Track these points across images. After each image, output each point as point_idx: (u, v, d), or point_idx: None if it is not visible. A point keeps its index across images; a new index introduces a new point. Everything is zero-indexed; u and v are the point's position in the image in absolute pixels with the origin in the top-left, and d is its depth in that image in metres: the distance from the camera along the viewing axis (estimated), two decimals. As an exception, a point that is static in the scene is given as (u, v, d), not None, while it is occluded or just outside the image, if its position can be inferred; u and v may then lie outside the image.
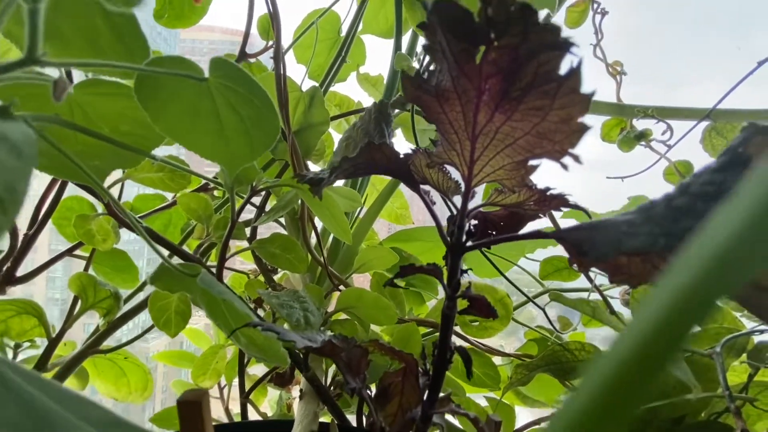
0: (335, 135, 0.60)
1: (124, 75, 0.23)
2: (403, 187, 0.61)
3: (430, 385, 0.19)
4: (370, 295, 0.36)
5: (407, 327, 0.39)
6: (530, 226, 0.22)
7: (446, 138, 0.16)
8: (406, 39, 0.57)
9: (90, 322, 0.52)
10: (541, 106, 0.14)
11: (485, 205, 0.19)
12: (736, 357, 0.40)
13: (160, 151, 0.32)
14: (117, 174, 0.44)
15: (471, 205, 0.20)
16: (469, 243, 0.19)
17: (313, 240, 0.47)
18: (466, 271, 0.20)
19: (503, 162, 0.16)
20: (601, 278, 0.46)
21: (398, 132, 0.59)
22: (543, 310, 0.40)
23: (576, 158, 0.14)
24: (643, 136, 0.44)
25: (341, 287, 0.44)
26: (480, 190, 0.21)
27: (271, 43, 0.51)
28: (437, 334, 0.48)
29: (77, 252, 0.51)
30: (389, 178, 0.50)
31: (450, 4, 0.12)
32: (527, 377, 0.47)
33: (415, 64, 0.49)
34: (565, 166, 0.15)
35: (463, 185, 0.18)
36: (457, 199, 0.19)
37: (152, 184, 0.38)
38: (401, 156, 0.20)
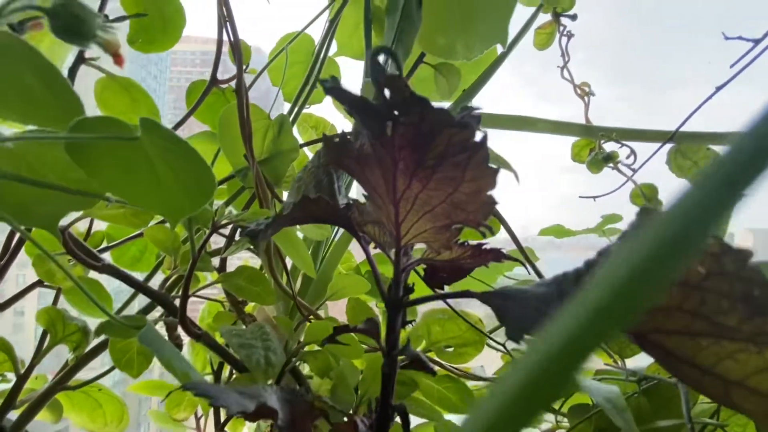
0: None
1: (65, 127, 0.22)
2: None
3: (372, 443, 0.18)
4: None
5: (378, 358, 0.39)
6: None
7: (373, 200, 0.16)
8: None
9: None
10: (453, 176, 0.14)
11: (420, 262, 0.19)
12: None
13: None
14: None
15: (412, 257, 0.20)
16: (408, 298, 0.18)
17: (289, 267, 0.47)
18: (410, 323, 0.20)
19: (426, 226, 0.16)
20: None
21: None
22: (504, 346, 0.40)
23: (490, 229, 0.14)
24: (609, 159, 0.45)
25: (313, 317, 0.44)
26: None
27: (244, 68, 0.51)
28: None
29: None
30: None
31: (341, 91, 0.12)
32: (505, 401, 0.46)
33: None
34: (483, 234, 0.14)
35: (394, 243, 0.18)
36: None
37: (115, 221, 0.38)
38: (341, 208, 0.19)
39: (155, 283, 0.49)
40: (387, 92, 0.12)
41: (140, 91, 0.54)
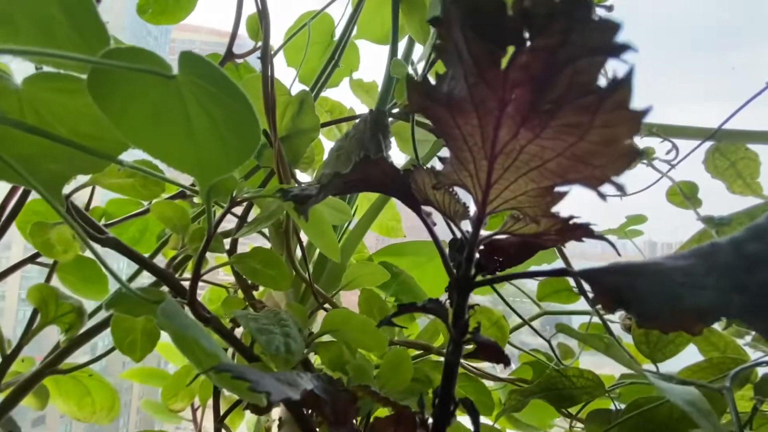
0: (325, 142, 0.57)
1: (83, 69, 0.20)
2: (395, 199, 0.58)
3: (428, 441, 0.16)
4: (357, 318, 0.33)
5: (397, 352, 0.37)
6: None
7: (457, 156, 0.14)
8: (401, 45, 0.55)
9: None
10: (578, 123, 0.11)
11: (499, 234, 0.17)
12: (739, 387, 0.39)
13: (132, 155, 0.29)
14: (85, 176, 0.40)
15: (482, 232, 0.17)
16: (479, 277, 0.16)
17: (299, 253, 0.44)
18: (472, 307, 0.17)
19: (526, 187, 0.13)
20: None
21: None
22: (549, 342, 0.37)
23: (620, 188, 0.12)
24: (644, 154, 0.43)
25: (327, 305, 0.41)
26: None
27: (259, 43, 0.49)
28: (428, 357, 0.45)
29: (41, 259, 0.47)
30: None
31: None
32: (521, 403, 0.44)
33: (411, 72, 0.47)
34: (602, 195, 0.12)
35: (475, 211, 0.15)
36: (465, 224, 0.17)
37: (122, 191, 0.35)
38: (401, 173, 0.17)
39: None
40: (527, 1, 0.09)
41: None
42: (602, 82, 0.11)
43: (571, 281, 0.46)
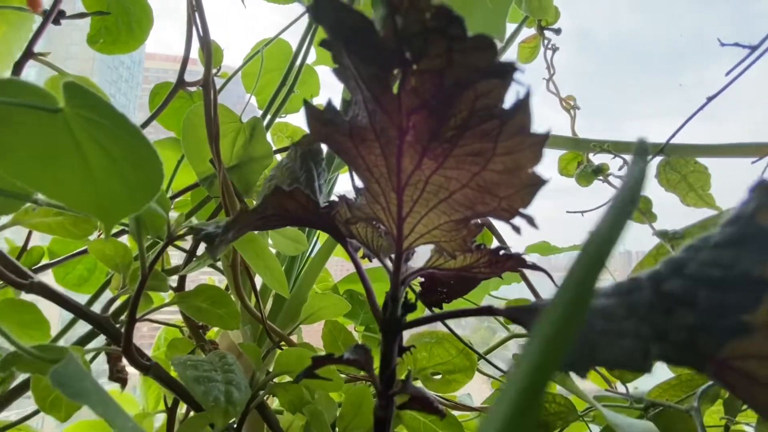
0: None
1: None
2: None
3: None
4: (311, 356, 0.31)
5: (358, 390, 0.34)
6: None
7: (368, 188, 0.13)
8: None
9: None
10: (480, 150, 0.10)
11: (427, 269, 0.15)
12: (711, 403, 0.38)
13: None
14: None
15: (416, 265, 0.16)
16: (411, 317, 0.15)
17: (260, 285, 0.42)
18: (408, 349, 0.16)
19: (439, 220, 0.12)
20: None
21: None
22: (502, 372, 0.36)
23: (530, 220, 0.11)
24: (599, 171, 0.43)
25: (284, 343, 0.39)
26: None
27: (215, 70, 0.48)
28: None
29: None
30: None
31: (340, 7, 0.08)
32: (496, 433, 0.42)
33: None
34: (516, 229, 0.11)
35: (394, 246, 0.14)
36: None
37: (50, 231, 0.32)
38: (323, 206, 0.16)
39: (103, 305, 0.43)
40: (399, 20, 0.08)
41: (97, 92, 0.49)
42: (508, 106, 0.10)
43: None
